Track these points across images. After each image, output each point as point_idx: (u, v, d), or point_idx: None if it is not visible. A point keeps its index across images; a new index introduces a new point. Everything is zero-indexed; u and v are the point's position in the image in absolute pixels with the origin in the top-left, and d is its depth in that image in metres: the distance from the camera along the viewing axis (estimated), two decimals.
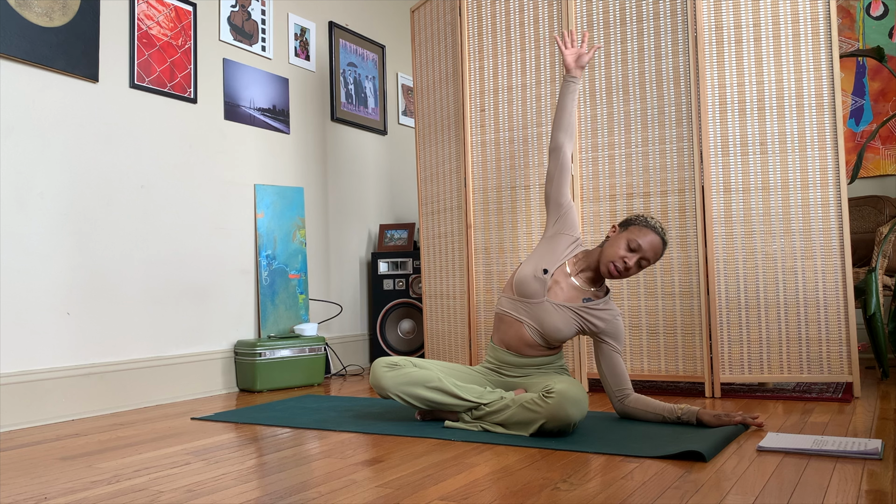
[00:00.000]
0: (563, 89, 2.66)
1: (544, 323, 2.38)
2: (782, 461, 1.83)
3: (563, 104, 2.65)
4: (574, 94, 2.65)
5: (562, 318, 2.37)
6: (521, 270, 2.46)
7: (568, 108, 2.64)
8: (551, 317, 2.37)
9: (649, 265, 2.36)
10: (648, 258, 2.33)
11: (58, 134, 2.87)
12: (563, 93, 2.66)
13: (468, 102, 3.38)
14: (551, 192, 2.60)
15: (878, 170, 4.23)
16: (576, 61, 2.68)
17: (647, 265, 2.34)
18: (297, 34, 4.04)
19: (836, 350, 2.83)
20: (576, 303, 2.39)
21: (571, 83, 2.66)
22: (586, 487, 1.63)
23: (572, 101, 2.64)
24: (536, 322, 2.39)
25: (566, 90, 2.66)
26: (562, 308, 2.38)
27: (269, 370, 3.43)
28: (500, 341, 2.49)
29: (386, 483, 1.72)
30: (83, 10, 2.95)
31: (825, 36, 2.89)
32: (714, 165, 2.95)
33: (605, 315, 2.39)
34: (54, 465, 2.04)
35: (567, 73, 2.67)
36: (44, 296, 2.79)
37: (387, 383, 2.37)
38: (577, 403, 2.11)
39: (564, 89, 2.66)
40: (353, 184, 4.42)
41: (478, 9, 3.39)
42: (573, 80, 2.66)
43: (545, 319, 2.38)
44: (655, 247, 2.34)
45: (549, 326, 2.37)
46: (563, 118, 2.63)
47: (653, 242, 2.33)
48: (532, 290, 2.41)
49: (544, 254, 2.48)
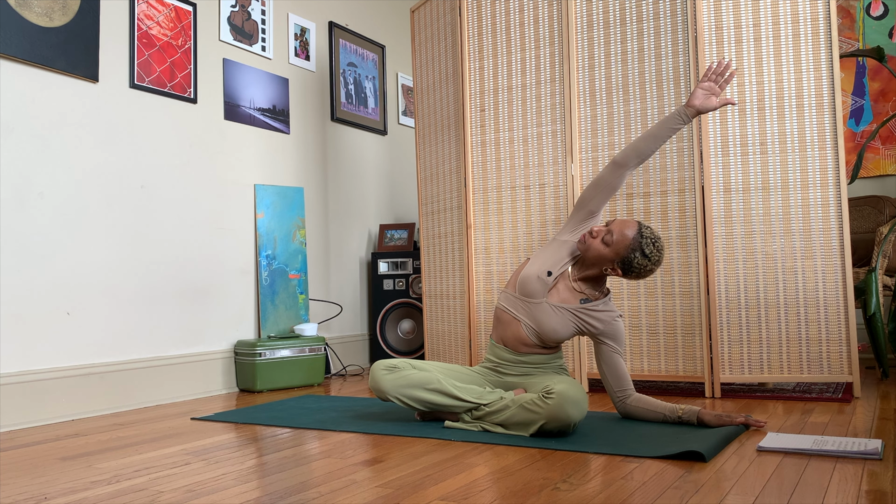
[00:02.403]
0: (668, 122, 2.39)
1: (542, 324, 2.38)
2: (782, 461, 1.83)
3: (658, 135, 2.40)
4: (675, 131, 2.41)
5: (559, 320, 2.37)
6: (527, 269, 2.45)
7: (659, 140, 2.40)
8: (549, 318, 2.37)
9: (611, 241, 2.28)
10: (613, 229, 2.30)
11: (58, 134, 2.87)
12: (665, 125, 2.40)
13: (468, 102, 3.38)
14: (591, 199, 2.46)
15: (878, 170, 4.23)
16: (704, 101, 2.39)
17: (609, 241, 2.28)
18: (297, 34, 4.04)
19: (836, 350, 2.82)
20: (573, 304, 2.39)
21: (679, 122, 2.39)
22: (586, 487, 1.63)
23: (668, 137, 2.41)
24: (534, 322, 2.40)
25: (671, 125, 2.39)
26: (560, 310, 2.38)
27: (269, 370, 3.43)
28: (498, 338, 2.49)
29: (386, 483, 1.72)
30: (83, 10, 2.95)
31: (825, 36, 2.89)
32: (714, 165, 2.95)
33: (604, 316, 2.38)
34: (54, 465, 2.04)
35: (687, 108, 2.38)
36: (44, 296, 2.79)
37: (386, 386, 2.37)
38: (577, 404, 2.12)
39: (670, 123, 2.39)
40: (353, 184, 4.42)
41: (478, 9, 3.39)
42: (682, 121, 2.39)
43: (542, 320, 2.38)
44: (625, 222, 2.31)
45: (546, 327, 2.38)
46: (648, 146, 2.40)
47: (626, 220, 2.33)
48: (533, 290, 2.40)
49: (552, 255, 2.46)
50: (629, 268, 2.30)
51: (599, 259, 2.33)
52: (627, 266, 2.30)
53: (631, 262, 2.29)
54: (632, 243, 2.28)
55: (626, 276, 2.34)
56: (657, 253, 2.29)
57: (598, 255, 2.32)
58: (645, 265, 2.29)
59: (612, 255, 2.30)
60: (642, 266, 2.29)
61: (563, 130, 3.21)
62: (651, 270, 2.31)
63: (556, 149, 3.22)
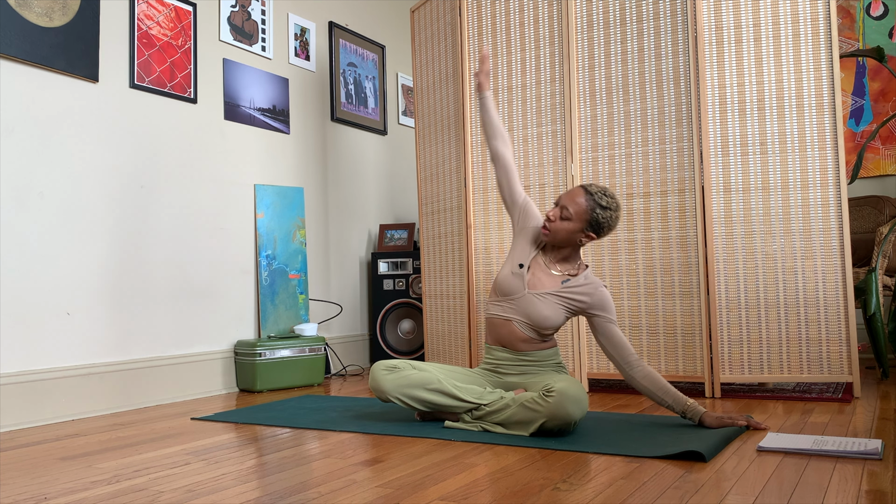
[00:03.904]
0: (481, 105, 2.67)
1: (531, 314, 2.41)
2: (782, 461, 1.83)
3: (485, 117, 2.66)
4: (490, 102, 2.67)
5: (547, 306, 2.40)
6: (501, 272, 2.52)
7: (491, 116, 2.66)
8: (536, 307, 2.40)
9: (568, 214, 2.37)
10: (565, 204, 2.39)
11: (58, 134, 2.87)
12: (482, 107, 2.67)
13: (468, 102, 3.38)
14: (506, 196, 2.64)
15: (878, 170, 4.23)
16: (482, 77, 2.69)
17: (567, 215, 2.38)
18: (297, 34, 4.04)
19: (836, 350, 2.82)
20: (556, 287, 2.43)
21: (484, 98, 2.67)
22: (586, 487, 1.63)
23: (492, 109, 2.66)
24: (524, 315, 2.42)
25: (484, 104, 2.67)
26: (544, 296, 2.41)
27: (269, 370, 3.43)
28: (494, 341, 2.50)
29: (386, 483, 1.72)
30: (83, 10, 2.95)
31: (825, 36, 2.89)
32: (714, 165, 2.95)
33: (587, 289, 2.42)
34: (54, 465, 2.04)
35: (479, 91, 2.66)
36: (44, 296, 2.79)
37: (387, 386, 2.38)
38: (577, 402, 2.12)
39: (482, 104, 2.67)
40: (353, 184, 4.42)
41: (478, 9, 3.39)
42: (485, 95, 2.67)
43: (531, 310, 2.41)
44: (571, 193, 2.42)
45: (536, 316, 2.40)
46: (491, 127, 2.66)
47: (570, 191, 2.43)
48: (513, 287, 2.45)
49: (518, 251, 2.54)
50: (598, 226, 2.39)
51: (570, 235, 2.40)
52: (596, 226, 2.39)
53: (597, 220, 2.37)
54: (588, 205, 2.37)
55: (599, 236, 2.43)
56: (612, 200, 2.40)
57: (566, 232, 2.40)
58: (610, 216, 2.38)
59: (578, 225, 2.39)
60: (608, 218, 2.38)
61: (563, 130, 3.21)
62: (618, 217, 2.41)
63: (556, 149, 3.22)
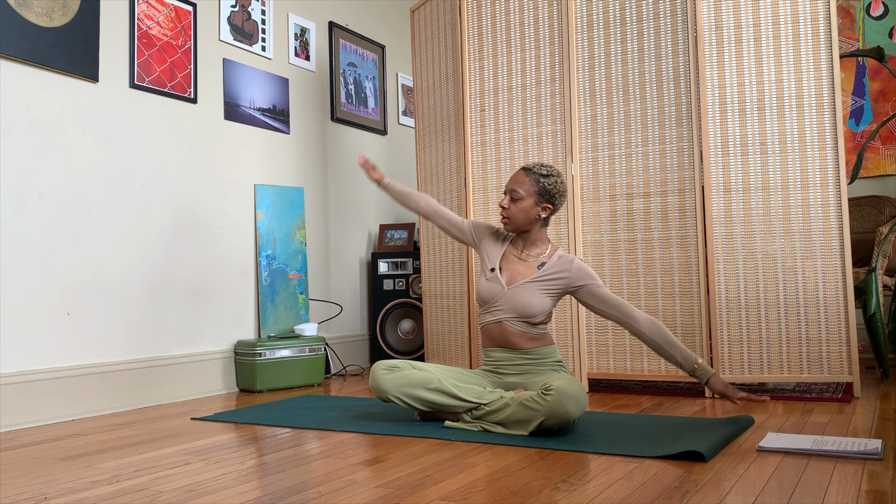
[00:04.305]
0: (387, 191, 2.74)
1: (517, 306, 2.43)
2: (782, 461, 1.83)
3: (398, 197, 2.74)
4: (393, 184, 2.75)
5: (529, 294, 2.43)
6: (478, 285, 2.55)
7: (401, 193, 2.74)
8: (520, 298, 2.43)
9: (518, 195, 2.44)
10: (512, 188, 2.45)
11: (58, 134, 2.87)
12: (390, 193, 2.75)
13: (468, 102, 3.38)
14: (454, 232, 2.68)
15: (878, 170, 4.23)
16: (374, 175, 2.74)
17: (517, 196, 2.44)
18: (297, 34, 4.04)
19: (836, 350, 2.82)
20: (533, 273, 2.46)
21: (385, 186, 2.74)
22: (586, 488, 1.63)
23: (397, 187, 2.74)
24: (511, 310, 2.44)
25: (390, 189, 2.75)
26: (524, 285, 2.44)
27: (269, 370, 3.43)
28: (490, 344, 2.52)
29: (386, 483, 1.72)
30: (83, 10, 2.95)
31: (825, 36, 2.89)
32: (714, 165, 2.95)
33: (563, 265, 2.45)
34: (54, 465, 2.04)
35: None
36: (44, 296, 2.79)
37: (387, 386, 2.38)
38: (575, 399, 2.12)
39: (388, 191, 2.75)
40: (353, 184, 4.42)
41: (478, 9, 3.39)
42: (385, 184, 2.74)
43: (516, 303, 2.43)
44: (512, 178, 2.48)
45: (522, 306, 2.42)
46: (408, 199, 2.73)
47: (512, 177, 2.49)
48: (493, 291, 2.48)
49: (486, 258, 2.59)
50: (549, 194, 2.45)
51: (527, 213, 2.45)
52: (547, 195, 2.45)
53: (545, 188, 2.44)
54: (531, 179, 2.44)
55: (555, 205, 2.47)
56: (551, 168, 2.48)
57: (523, 212, 2.45)
58: (555, 182, 2.45)
59: (530, 201, 2.44)
60: (554, 184, 2.45)
61: (563, 130, 3.21)
62: (563, 182, 2.47)
63: (556, 149, 3.22)
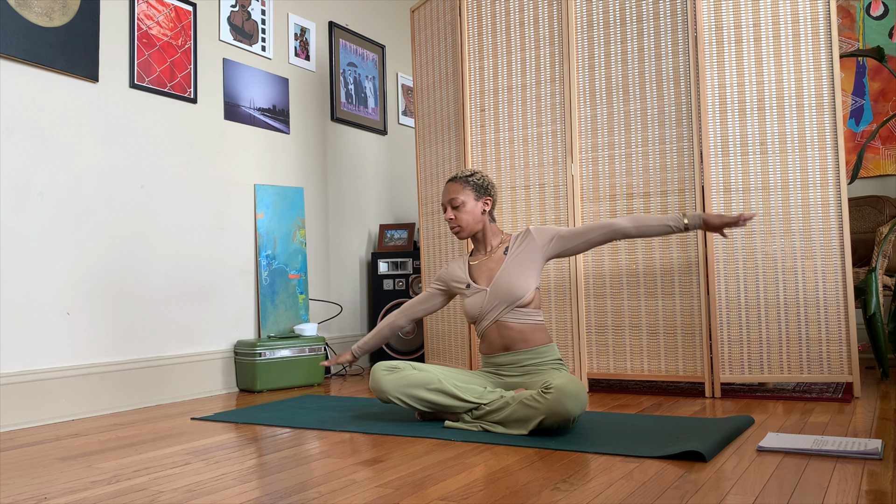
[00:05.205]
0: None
1: (504, 292, 2.47)
2: (782, 461, 1.83)
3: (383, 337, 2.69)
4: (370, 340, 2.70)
5: (510, 276, 2.48)
6: (464, 306, 2.57)
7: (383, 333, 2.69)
8: (504, 282, 2.48)
9: (458, 201, 2.53)
10: (450, 198, 2.55)
11: (58, 134, 2.87)
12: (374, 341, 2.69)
13: (468, 102, 3.38)
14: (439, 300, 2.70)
15: (878, 170, 4.23)
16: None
17: (458, 203, 2.54)
18: (297, 34, 4.04)
19: (836, 350, 2.82)
20: (503, 259, 2.54)
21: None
22: (586, 487, 1.63)
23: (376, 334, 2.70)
24: (502, 301, 2.47)
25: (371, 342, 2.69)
26: (502, 273, 2.50)
27: (269, 370, 3.43)
28: (488, 349, 2.54)
29: (386, 483, 1.72)
30: (83, 10, 2.95)
31: (825, 36, 2.89)
32: (714, 165, 2.95)
33: (524, 237, 2.55)
34: (54, 465, 2.04)
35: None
36: (44, 296, 2.79)
37: (387, 386, 2.38)
38: (575, 397, 2.12)
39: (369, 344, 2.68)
40: (353, 184, 4.42)
41: (478, 9, 3.39)
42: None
43: (502, 290, 2.47)
44: (445, 190, 2.58)
45: (508, 289, 2.46)
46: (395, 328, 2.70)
47: (447, 188, 2.58)
48: (477, 301, 2.52)
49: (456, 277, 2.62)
50: (484, 188, 2.57)
51: (473, 214, 2.55)
52: (482, 189, 2.56)
53: (478, 184, 2.55)
54: (461, 182, 2.55)
55: (493, 196, 2.59)
56: (470, 168, 2.60)
57: (470, 215, 2.55)
58: (482, 177, 2.57)
59: (472, 202, 2.54)
60: (482, 178, 2.57)
61: (563, 130, 3.21)
62: (486, 176, 2.59)
63: (556, 149, 3.22)
